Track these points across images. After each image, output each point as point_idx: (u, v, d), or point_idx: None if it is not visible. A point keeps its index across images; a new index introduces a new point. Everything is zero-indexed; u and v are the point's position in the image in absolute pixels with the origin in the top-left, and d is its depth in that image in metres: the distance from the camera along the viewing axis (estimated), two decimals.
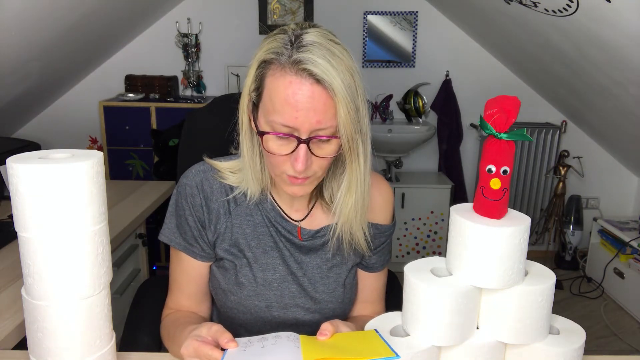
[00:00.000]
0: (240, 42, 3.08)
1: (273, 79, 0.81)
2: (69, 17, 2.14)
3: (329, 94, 0.79)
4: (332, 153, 0.84)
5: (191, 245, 0.97)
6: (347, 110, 0.80)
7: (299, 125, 0.79)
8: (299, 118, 0.79)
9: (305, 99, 0.78)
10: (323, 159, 0.84)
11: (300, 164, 0.81)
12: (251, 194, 0.95)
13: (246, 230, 0.97)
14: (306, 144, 0.81)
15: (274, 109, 0.80)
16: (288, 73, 0.79)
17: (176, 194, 0.98)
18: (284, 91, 0.79)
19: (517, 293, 0.73)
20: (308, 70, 0.78)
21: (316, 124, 0.79)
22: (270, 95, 0.81)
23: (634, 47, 1.78)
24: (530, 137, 3.03)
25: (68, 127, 3.13)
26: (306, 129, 0.80)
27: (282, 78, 0.79)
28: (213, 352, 0.73)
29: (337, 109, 0.79)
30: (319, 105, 0.79)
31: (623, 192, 3.26)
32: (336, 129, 0.81)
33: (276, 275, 0.97)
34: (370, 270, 1.05)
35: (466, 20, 2.99)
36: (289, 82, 0.79)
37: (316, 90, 0.78)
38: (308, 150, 0.82)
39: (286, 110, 0.79)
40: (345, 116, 0.80)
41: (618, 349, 2.40)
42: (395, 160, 3.08)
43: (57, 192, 0.66)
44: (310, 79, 0.78)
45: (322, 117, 0.79)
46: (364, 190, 0.91)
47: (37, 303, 0.70)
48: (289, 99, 0.78)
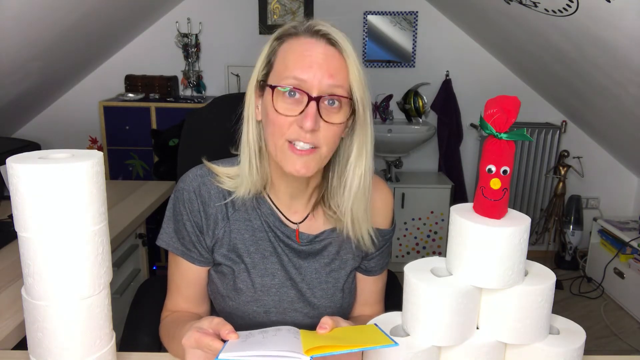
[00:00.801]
0: (240, 42, 3.08)
1: (287, 45, 0.85)
2: (69, 17, 2.14)
3: (342, 56, 0.83)
4: (340, 119, 0.85)
5: (189, 251, 0.96)
6: (358, 72, 0.84)
7: (311, 78, 0.81)
8: (312, 70, 0.81)
9: (319, 55, 0.82)
10: (331, 125, 0.83)
11: (309, 121, 0.80)
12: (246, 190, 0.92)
13: (245, 235, 0.96)
14: (316, 102, 0.81)
15: (286, 67, 0.83)
16: (303, 36, 0.84)
17: (174, 198, 0.97)
18: (299, 49, 0.83)
19: (517, 293, 0.73)
20: (322, 32, 0.83)
21: (329, 79, 0.81)
22: (284, 57, 0.84)
23: (634, 47, 1.78)
24: (530, 137, 3.03)
25: (68, 127, 3.14)
26: (317, 84, 0.81)
27: (297, 41, 0.84)
28: (214, 342, 0.73)
29: (349, 70, 0.83)
30: (332, 63, 0.82)
31: (623, 192, 3.26)
32: (347, 91, 0.84)
33: (275, 281, 0.96)
34: (370, 273, 1.05)
35: (466, 20, 2.99)
36: (303, 41, 0.84)
37: (330, 50, 0.83)
38: (317, 111, 0.82)
39: (299, 64, 0.82)
40: (357, 76, 0.83)
41: (618, 349, 2.40)
42: (395, 160, 3.08)
43: (57, 192, 0.66)
44: (323, 39, 0.83)
45: (335, 73, 0.82)
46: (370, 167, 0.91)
47: (37, 303, 0.70)
48: (303, 54, 0.82)
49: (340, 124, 0.85)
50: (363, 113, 0.87)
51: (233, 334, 0.74)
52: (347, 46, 0.83)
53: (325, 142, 0.84)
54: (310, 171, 0.85)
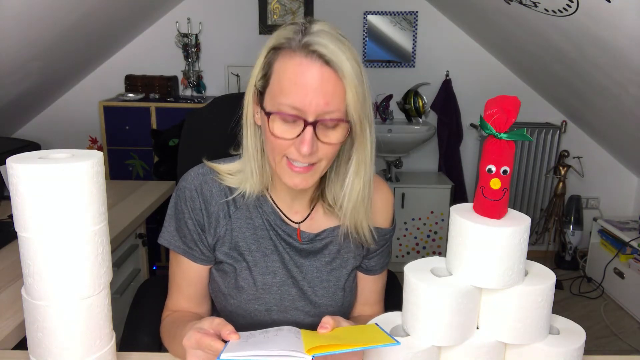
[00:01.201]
0: (240, 42, 3.08)
1: (282, 62, 0.81)
2: (69, 17, 2.14)
3: (338, 77, 0.79)
4: (337, 140, 0.84)
5: (191, 249, 0.97)
6: (356, 92, 0.81)
7: (306, 106, 0.79)
8: (308, 97, 0.79)
9: (314, 79, 0.79)
10: (328, 145, 0.83)
11: (306, 146, 0.80)
12: (251, 189, 0.94)
13: (246, 233, 0.96)
14: (313, 126, 0.80)
15: (281, 90, 0.81)
16: (298, 55, 0.80)
17: (175, 197, 0.98)
18: (293, 71, 0.79)
19: (517, 293, 0.73)
20: (318, 52, 0.79)
21: (324, 106, 0.79)
22: (279, 77, 0.81)
23: (634, 47, 1.78)
24: (530, 137, 3.03)
25: (68, 127, 3.14)
26: (313, 110, 0.80)
27: (292, 60, 0.80)
28: (215, 343, 0.73)
29: (346, 92, 0.80)
30: (328, 86, 0.79)
31: (623, 192, 3.26)
32: (344, 113, 0.82)
33: (276, 279, 0.97)
34: (370, 273, 1.05)
35: (466, 20, 2.99)
36: (298, 63, 0.79)
37: (325, 72, 0.79)
38: (314, 134, 0.81)
39: (294, 91, 0.79)
40: (354, 98, 0.81)
41: (618, 349, 2.40)
42: (395, 160, 3.08)
43: (57, 192, 0.66)
44: (319, 60, 0.79)
45: (330, 99, 0.79)
46: (370, 177, 0.91)
47: (37, 303, 0.70)
48: (298, 79, 0.79)
49: (337, 143, 0.85)
50: (361, 132, 0.85)
51: (234, 334, 0.74)
52: (345, 64, 0.79)
53: (324, 157, 0.85)
54: (308, 185, 0.88)
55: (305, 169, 0.85)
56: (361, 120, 0.83)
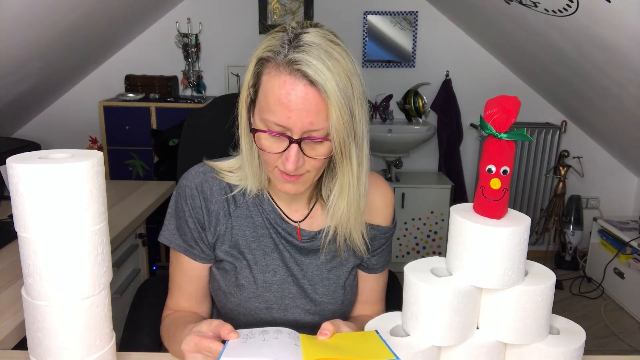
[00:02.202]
0: (240, 42, 3.08)
1: (268, 77, 0.81)
2: (69, 17, 2.14)
3: (322, 96, 0.78)
4: (324, 154, 0.84)
5: (191, 247, 0.97)
6: (340, 113, 0.79)
7: (291, 125, 0.79)
8: (292, 118, 0.79)
9: (298, 99, 0.78)
10: (315, 159, 0.84)
11: (290, 163, 0.81)
12: (250, 189, 0.95)
13: (246, 231, 0.97)
14: (298, 144, 0.81)
15: (267, 107, 0.81)
16: (283, 72, 0.79)
17: (176, 195, 0.98)
18: (278, 90, 0.79)
19: (517, 293, 0.73)
20: (302, 71, 0.77)
21: (308, 125, 0.79)
22: (266, 93, 0.81)
23: (634, 47, 1.78)
24: (530, 137, 3.03)
25: (68, 127, 3.14)
26: (298, 129, 0.80)
27: (277, 77, 0.79)
28: (213, 344, 0.73)
29: (329, 112, 0.79)
30: (312, 106, 0.78)
31: (623, 192, 3.26)
32: (328, 131, 0.81)
33: (276, 277, 0.97)
34: (371, 271, 1.05)
35: (466, 20, 2.99)
36: (283, 81, 0.79)
37: (309, 92, 0.78)
38: (300, 150, 0.82)
39: (279, 110, 0.79)
40: (337, 119, 0.79)
41: (618, 349, 2.40)
42: (395, 160, 3.08)
43: (57, 192, 0.66)
44: (304, 79, 0.78)
45: (314, 119, 0.79)
46: (358, 195, 0.90)
47: (37, 303, 0.70)
48: (282, 99, 0.78)
49: (324, 158, 0.84)
50: (342, 153, 0.83)
51: (233, 333, 0.74)
52: (329, 83, 0.77)
53: (313, 168, 0.86)
54: (299, 191, 0.89)
55: (295, 177, 0.86)
56: (344, 141, 0.82)
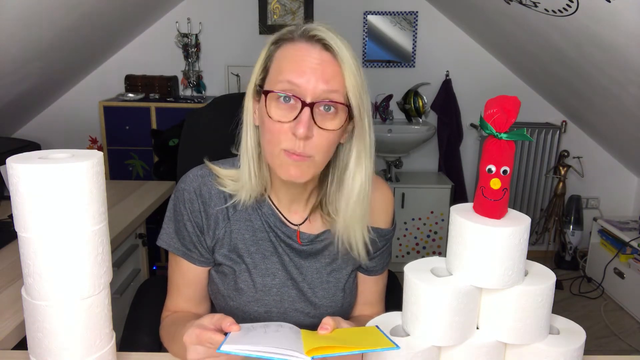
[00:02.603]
0: (240, 42, 3.08)
1: (283, 49, 0.84)
2: (69, 17, 2.14)
3: (338, 62, 0.81)
4: (335, 126, 0.83)
5: (190, 251, 0.96)
6: (354, 79, 0.82)
7: (305, 83, 0.80)
8: (306, 75, 0.80)
9: (314, 60, 0.81)
10: (326, 132, 0.82)
11: (302, 128, 0.79)
12: (246, 197, 0.92)
13: (245, 235, 0.96)
14: (310, 108, 0.80)
15: (280, 70, 0.82)
16: (298, 42, 0.83)
17: (174, 198, 0.97)
18: (294, 54, 0.82)
19: (517, 293, 0.73)
20: (317, 37, 0.81)
21: (323, 84, 0.80)
22: (279, 61, 0.83)
23: (634, 47, 1.78)
24: (530, 137, 3.03)
25: (68, 127, 3.14)
26: (312, 90, 0.80)
27: (293, 46, 0.83)
28: (215, 336, 0.73)
29: (345, 76, 0.81)
30: (328, 69, 0.81)
31: (623, 192, 3.26)
32: (343, 96, 0.82)
33: (275, 281, 0.96)
34: (371, 273, 1.05)
35: (466, 20, 2.99)
36: (299, 47, 0.82)
37: (325, 56, 0.81)
38: (312, 117, 0.81)
39: (294, 69, 0.81)
40: (353, 83, 0.82)
41: (618, 349, 2.40)
42: (395, 160, 3.08)
43: (57, 192, 0.66)
44: (319, 45, 0.81)
45: (330, 79, 0.81)
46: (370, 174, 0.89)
47: (37, 303, 0.70)
48: (298, 60, 0.81)
49: (334, 130, 0.83)
50: (360, 120, 0.85)
51: (235, 325, 0.74)
52: (343, 52, 0.81)
53: (319, 150, 0.83)
54: (304, 177, 0.85)
55: (301, 158, 0.82)
56: (360, 108, 0.83)
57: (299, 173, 0.84)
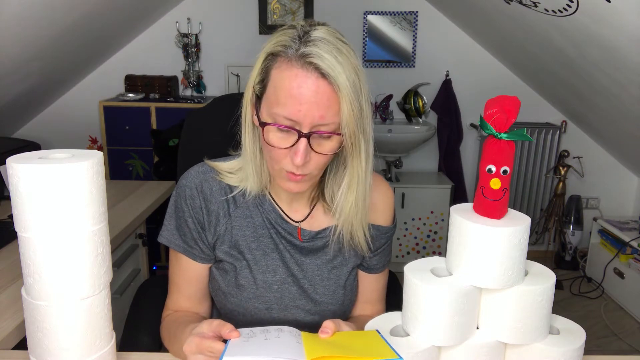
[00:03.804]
0: (240, 42, 3.08)
1: (279, 71, 0.81)
2: (69, 17, 2.14)
3: (334, 90, 0.79)
4: (331, 150, 0.84)
5: (191, 247, 0.97)
6: (351, 107, 0.80)
7: (301, 118, 0.79)
8: (302, 111, 0.79)
9: (309, 92, 0.78)
10: (322, 155, 0.84)
11: (299, 158, 0.81)
12: (250, 189, 0.94)
13: (246, 232, 0.97)
14: (307, 138, 0.81)
15: (277, 101, 0.81)
16: (294, 66, 0.79)
17: (175, 195, 0.98)
18: (289, 83, 0.79)
19: (517, 293, 0.73)
20: (314, 64, 0.78)
21: (319, 119, 0.79)
22: (275, 87, 0.81)
23: (634, 47, 1.78)
24: (530, 137, 3.03)
25: (68, 127, 3.14)
26: (308, 123, 0.80)
27: (288, 70, 0.80)
28: (215, 344, 0.73)
29: (340, 106, 0.80)
30: (323, 100, 0.79)
31: (623, 192, 3.26)
32: (338, 125, 0.81)
33: (276, 277, 0.97)
34: (371, 271, 1.05)
35: (466, 20, 2.99)
36: (294, 74, 0.79)
37: (321, 85, 0.79)
38: (308, 145, 0.81)
39: (290, 103, 0.79)
40: (348, 113, 0.80)
41: (618, 349, 2.40)
42: (395, 160, 3.08)
43: (57, 192, 0.66)
44: (315, 72, 0.78)
45: (325, 112, 0.79)
46: (365, 190, 0.91)
47: (37, 303, 0.70)
48: (294, 92, 0.79)
49: (331, 154, 0.85)
50: (352, 147, 0.84)
51: (234, 332, 0.74)
52: (341, 77, 0.78)
53: (316, 167, 0.85)
54: (302, 190, 0.89)
55: (300, 177, 0.86)
56: (355, 134, 0.83)
57: (298, 188, 0.88)
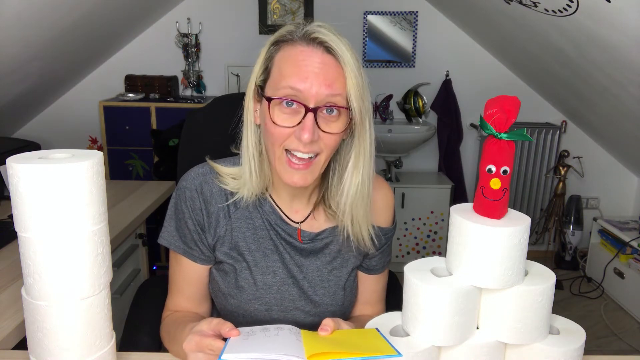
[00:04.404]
0: (240, 42, 3.08)
1: (284, 52, 0.83)
2: (69, 17, 2.15)
3: (339, 64, 0.81)
4: (339, 129, 0.84)
5: (191, 249, 0.97)
6: (357, 82, 0.81)
7: (307, 89, 0.80)
8: (309, 80, 0.80)
9: (316, 64, 0.80)
10: (329, 135, 0.83)
11: (307, 133, 0.80)
12: (248, 194, 0.93)
13: (246, 233, 0.96)
14: (313, 113, 0.81)
15: (282, 75, 0.82)
16: (299, 44, 0.82)
17: (175, 197, 0.98)
18: (295, 57, 0.81)
19: (517, 293, 0.73)
20: (319, 39, 0.80)
21: (326, 89, 0.80)
22: (280, 65, 0.83)
23: (634, 47, 1.78)
24: (530, 137, 3.03)
25: (68, 127, 3.14)
26: (314, 95, 0.80)
27: (293, 48, 0.82)
28: (215, 342, 0.73)
29: (346, 79, 0.81)
30: (330, 72, 0.80)
31: (623, 192, 3.26)
32: (345, 99, 0.82)
33: (276, 279, 0.97)
34: (371, 272, 1.05)
35: (466, 20, 2.99)
36: (300, 50, 0.81)
37: (327, 59, 0.81)
38: (315, 122, 0.81)
39: (296, 73, 0.80)
40: (355, 86, 0.81)
41: (618, 349, 2.40)
42: (395, 160, 3.08)
43: (57, 192, 0.66)
44: (321, 47, 0.81)
45: (332, 83, 0.80)
46: (369, 174, 0.90)
47: (37, 303, 0.70)
48: (299, 64, 0.80)
49: (339, 133, 0.85)
50: (361, 122, 0.85)
51: (234, 330, 0.74)
52: (345, 53, 0.81)
53: (325, 148, 0.85)
54: (307, 182, 0.87)
55: (304, 165, 0.85)
56: (361, 111, 0.84)
57: (302, 180, 0.86)
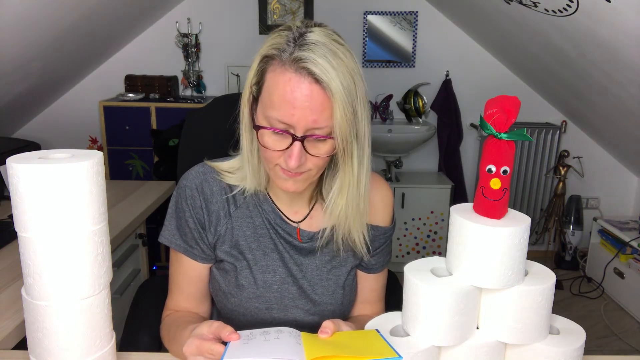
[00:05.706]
0: (240, 42, 3.08)
1: (273, 74, 0.81)
2: (69, 17, 2.15)
3: (327, 94, 0.79)
4: (326, 153, 0.84)
5: (191, 247, 0.97)
6: (344, 112, 0.79)
7: (294, 122, 0.80)
8: (295, 115, 0.79)
9: (302, 97, 0.79)
10: (317, 157, 0.84)
11: (293, 161, 0.82)
12: (249, 188, 0.95)
13: (246, 232, 0.97)
14: (301, 141, 0.81)
15: (271, 104, 0.81)
16: (288, 70, 0.79)
17: (176, 195, 0.98)
18: (283, 87, 0.79)
19: (517, 293, 0.73)
20: (307, 69, 0.78)
21: (312, 123, 0.80)
22: (270, 90, 0.81)
23: (634, 47, 1.78)
24: (530, 137, 3.03)
25: (68, 127, 3.14)
26: (302, 126, 0.80)
27: (282, 75, 0.80)
28: (215, 346, 0.73)
29: (333, 110, 0.79)
30: (316, 104, 0.79)
31: (623, 192, 3.26)
32: (332, 129, 0.81)
33: (276, 277, 0.97)
34: (370, 271, 1.05)
35: (466, 20, 2.99)
36: (288, 79, 0.79)
37: (314, 90, 0.79)
38: (302, 148, 0.82)
39: (283, 107, 0.79)
40: (341, 118, 0.80)
41: (618, 349, 2.40)
42: (395, 160, 3.08)
43: (57, 192, 0.66)
44: (309, 77, 0.78)
45: (318, 117, 0.80)
46: (358, 194, 0.90)
47: (37, 303, 0.70)
48: (287, 96, 0.79)
49: (326, 156, 0.85)
50: (345, 152, 0.84)
51: (234, 334, 0.74)
52: (334, 82, 0.78)
53: (315, 166, 0.86)
54: (300, 189, 0.89)
55: (297, 173, 0.86)
56: (347, 140, 0.82)
57: (295, 187, 0.87)
